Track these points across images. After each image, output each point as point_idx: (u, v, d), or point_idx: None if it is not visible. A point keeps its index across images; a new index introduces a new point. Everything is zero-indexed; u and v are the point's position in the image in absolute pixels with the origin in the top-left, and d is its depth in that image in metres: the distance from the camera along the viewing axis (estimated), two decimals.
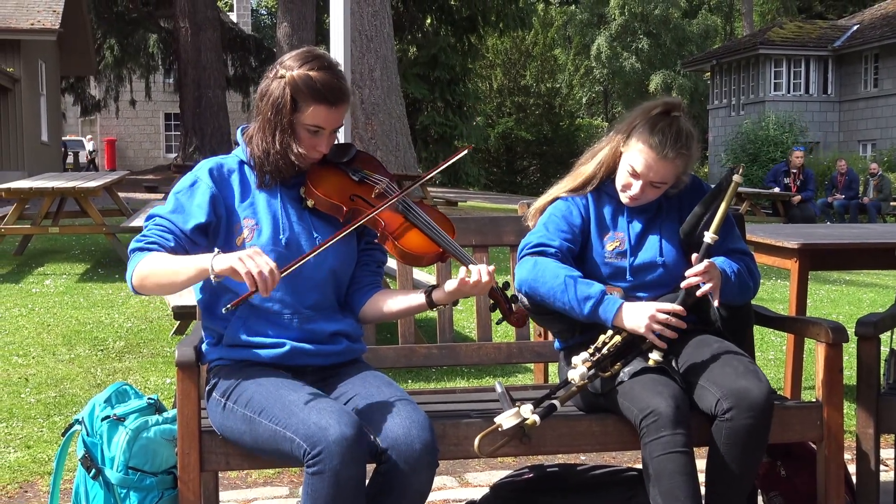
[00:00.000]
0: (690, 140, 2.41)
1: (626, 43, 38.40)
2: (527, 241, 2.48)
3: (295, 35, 15.27)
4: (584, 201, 2.50)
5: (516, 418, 2.14)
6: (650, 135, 2.38)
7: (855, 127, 26.17)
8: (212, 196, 2.18)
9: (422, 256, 2.19)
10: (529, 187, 31.44)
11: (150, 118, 34.93)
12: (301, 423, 1.98)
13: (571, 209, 2.49)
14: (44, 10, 17.50)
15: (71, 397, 4.16)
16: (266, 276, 1.94)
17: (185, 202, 2.18)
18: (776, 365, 5.01)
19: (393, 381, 2.22)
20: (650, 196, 2.45)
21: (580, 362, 2.25)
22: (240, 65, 24.54)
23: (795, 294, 3.83)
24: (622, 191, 2.46)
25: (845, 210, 15.71)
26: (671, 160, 2.38)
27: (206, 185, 2.19)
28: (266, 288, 1.94)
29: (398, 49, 21.34)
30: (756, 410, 2.19)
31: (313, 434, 1.95)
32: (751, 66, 26.94)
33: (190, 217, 2.16)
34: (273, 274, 1.95)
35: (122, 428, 2.33)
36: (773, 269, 8.26)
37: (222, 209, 2.20)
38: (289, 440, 1.99)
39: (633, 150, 2.42)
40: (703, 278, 2.31)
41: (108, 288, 6.82)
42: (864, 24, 26.65)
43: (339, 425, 1.95)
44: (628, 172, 2.43)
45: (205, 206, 2.17)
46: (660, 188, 2.44)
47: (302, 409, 2.01)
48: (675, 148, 2.37)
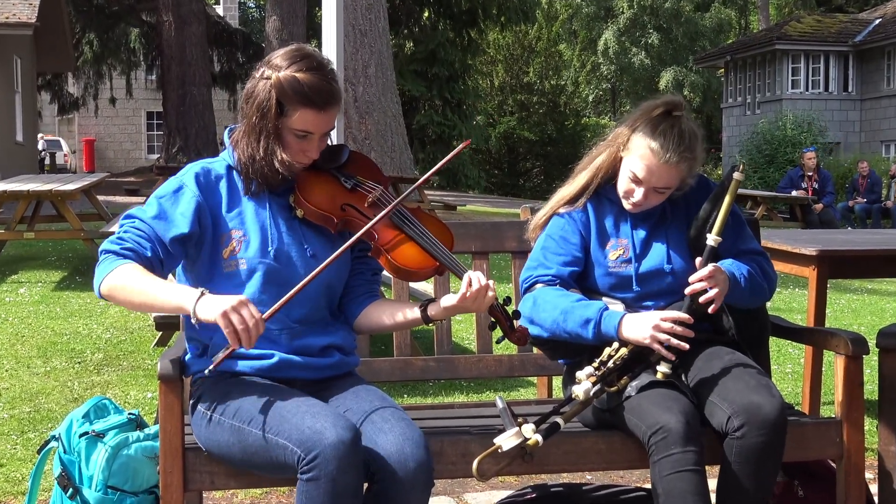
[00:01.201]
0: (694, 141, 2.41)
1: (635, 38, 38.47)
2: (525, 272, 2.52)
3: (285, 29, 15.31)
4: (583, 214, 2.52)
5: (517, 438, 2.14)
6: (651, 138, 2.39)
7: (877, 126, 26.19)
8: (197, 205, 2.17)
9: (417, 271, 2.19)
10: (532, 190, 31.46)
11: (132, 117, 34.97)
12: (294, 428, 1.98)
13: (567, 227, 2.51)
14: (19, 2, 17.52)
15: (46, 412, 4.15)
16: (251, 330, 1.97)
17: (168, 209, 2.17)
18: (794, 379, 5.01)
19: (387, 395, 2.22)
20: (654, 202, 2.46)
21: (585, 377, 2.26)
22: (226, 61, 24.57)
23: (814, 304, 3.83)
24: (624, 198, 2.47)
25: (867, 214, 15.72)
26: (674, 164, 2.39)
27: (191, 193, 2.19)
28: (250, 342, 1.98)
29: (394, 44, 21.40)
30: (769, 427, 2.20)
31: (308, 438, 1.95)
32: (767, 63, 26.99)
33: (172, 226, 2.15)
34: (258, 327, 1.98)
35: (101, 445, 2.33)
36: (790, 278, 8.27)
37: (208, 219, 2.19)
38: (281, 447, 1.99)
39: (633, 154, 2.43)
40: (708, 283, 2.32)
41: (87, 297, 6.82)
42: (887, 18, 26.70)
43: (335, 429, 1.95)
44: (629, 178, 2.44)
45: (188, 216, 2.16)
46: (664, 193, 2.45)
47: (295, 414, 2.01)
48: (678, 152, 2.37)
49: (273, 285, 2.17)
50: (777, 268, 3.82)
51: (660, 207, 2.51)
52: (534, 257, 2.54)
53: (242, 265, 2.18)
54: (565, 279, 2.46)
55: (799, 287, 8.11)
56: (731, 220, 2.47)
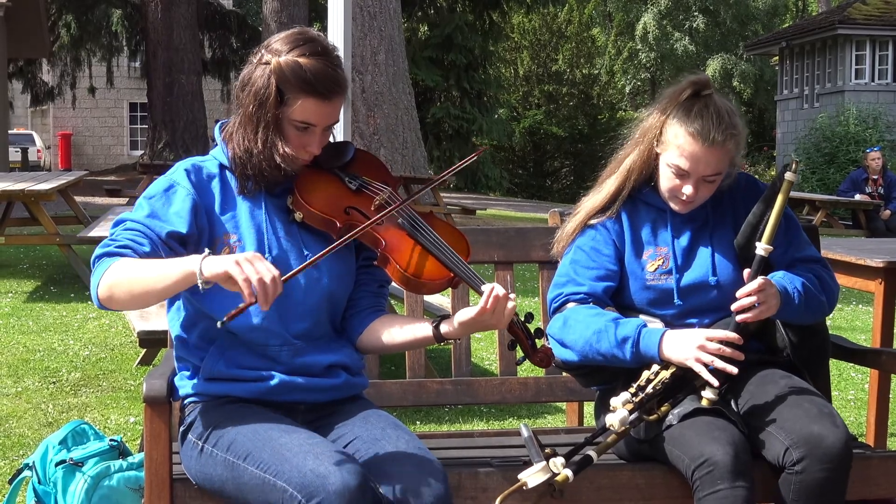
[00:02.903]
0: (734, 117, 2.43)
1: (677, 21, 38.43)
2: (554, 290, 2.53)
3: (284, 12, 15.38)
4: (616, 223, 2.52)
5: (545, 474, 2.14)
6: (689, 123, 2.40)
7: None
8: (193, 204, 2.18)
9: (428, 282, 2.19)
10: (561, 192, 31.45)
11: (113, 108, 35.19)
12: (295, 470, 1.99)
13: (599, 238, 2.52)
14: None
15: (18, 438, 4.18)
16: (267, 285, 1.91)
17: (161, 209, 2.17)
18: (857, 406, 4.99)
19: (400, 422, 2.23)
20: (705, 194, 2.46)
21: (620, 404, 2.25)
22: (218, 46, 24.70)
23: (880, 322, 3.82)
24: (672, 198, 2.48)
25: None
26: (721, 145, 2.39)
27: (185, 191, 2.19)
28: (267, 299, 1.91)
29: (406, 28, 21.47)
30: (832, 461, 2.20)
31: (310, 483, 1.96)
32: (827, 50, 26.89)
33: (167, 224, 2.15)
34: (275, 283, 1.92)
35: (79, 475, 2.35)
36: (853, 293, 8.23)
37: (204, 220, 2.20)
38: (280, 490, 2.00)
39: (672, 146, 2.43)
40: (758, 298, 2.32)
41: (63, 309, 6.86)
42: None
43: (340, 473, 1.96)
44: (673, 174, 2.44)
45: (185, 216, 2.16)
46: (714, 181, 2.45)
47: (296, 453, 2.02)
48: (720, 129, 2.38)
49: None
50: (839, 282, 3.82)
51: (703, 211, 2.52)
52: (562, 272, 2.54)
53: None
54: (599, 296, 2.47)
55: (863, 303, 8.07)
56: (784, 225, 2.47)
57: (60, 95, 26.81)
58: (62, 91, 26.48)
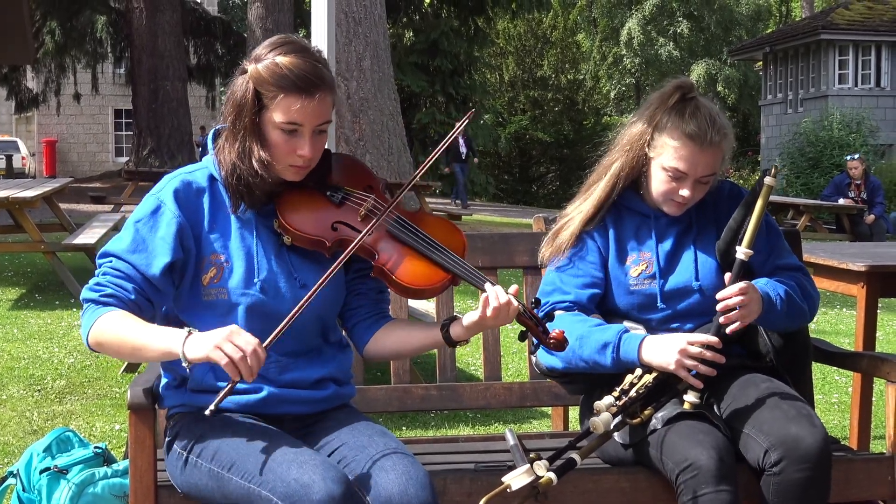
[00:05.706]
0: (722, 117, 2.48)
1: (662, 27, 38.58)
2: (541, 299, 2.52)
3: (269, 17, 15.39)
4: (601, 230, 2.54)
5: (528, 476, 2.14)
6: (684, 126, 2.42)
7: None
8: (178, 227, 2.16)
9: (428, 288, 2.17)
10: (546, 198, 31.51)
11: (98, 115, 35.10)
12: (279, 479, 1.99)
13: (584, 244, 2.53)
14: None
15: (2, 446, 4.17)
16: (250, 362, 1.95)
17: (147, 235, 2.14)
18: (840, 410, 5.02)
19: (387, 430, 2.23)
20: (699, 195, 2.50)
21: (604, 408, 2.26)
22: (204, 52, 24.67)
23: (863, 325, 3.84)
24: (665, 201, 2.49)
25: None
26: (717, 145, 2.43)
27: (171, 213, 2.16)
28: (251, 374, 1.96)
29: (392, 34, 21.47)
30: (810, 461, 2.21)
31: (294, 493, 1.96)
32: (811, 55, 27.03)
33: (153, 257, 2.13)
34: (257, 355, 1.96)
35: (64, 482, 2.35)
36: (836, 297, 8.27)
37: (190, 242, 2.18)
38: (265, 500, 2.00)
39: (666, 150, 2.45)
40: (740, 301, 2.33)
41: (47, 317, 6.84)
42: None
43: (324, 482, 1.96)
44: (669, 176, 2.46)
45: (169, 241, 2.14)
46: (708, 182, 2.49)
47: (280, 463, 2.02)
48: (715, 130, 2.43)
49: (258, 319, 2.16)
50: (821, 285, 3.84)
51: (686, 216, 2.53)
52: (548, 280, 2.55)
53: (222, 295, 2.16)
54: (584, 304, 2.49)
55: (846, 307, 8.10)
56: (766, 231, 2.50)
57: (45, 102, 26.72)
58: (47, 98, 26.39)
